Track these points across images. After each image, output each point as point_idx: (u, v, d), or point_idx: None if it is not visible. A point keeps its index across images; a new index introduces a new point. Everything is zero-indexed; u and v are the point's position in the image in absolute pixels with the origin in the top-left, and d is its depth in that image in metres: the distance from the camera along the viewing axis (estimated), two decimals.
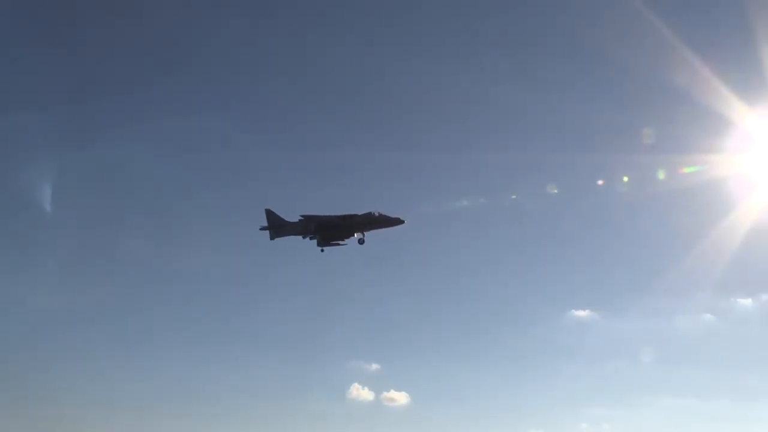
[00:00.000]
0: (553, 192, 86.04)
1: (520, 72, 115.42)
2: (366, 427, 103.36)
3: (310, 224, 61.36)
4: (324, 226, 61.03)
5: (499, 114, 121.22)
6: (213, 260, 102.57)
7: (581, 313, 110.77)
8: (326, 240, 62.10)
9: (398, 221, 58.94)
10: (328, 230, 61.17)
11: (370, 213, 59.50)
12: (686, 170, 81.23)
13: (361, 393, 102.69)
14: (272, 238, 64.22)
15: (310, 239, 62.80)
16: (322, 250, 62.87)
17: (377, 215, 59.22)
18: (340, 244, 62.28)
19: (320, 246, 62.60)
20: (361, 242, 60.74)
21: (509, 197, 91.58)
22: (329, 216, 60.78)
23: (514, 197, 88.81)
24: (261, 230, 64.31)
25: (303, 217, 61.20)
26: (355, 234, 60.56)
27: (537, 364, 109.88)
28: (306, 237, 62.79)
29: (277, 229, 63.65)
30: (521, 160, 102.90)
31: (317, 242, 62.66)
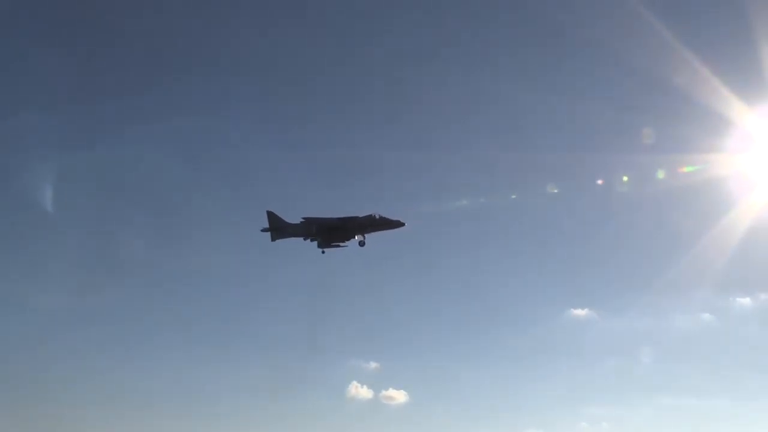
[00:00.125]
0: (553, 192, 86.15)
1: (520, 72, 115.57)
2: (364, 426, 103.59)
3: (312, 226, 61.45)
4: (325, 228, 61.13)
5: (499, 114, 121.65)
6: (214, 260, 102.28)
7: (580, 312, 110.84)
8: (327, 242, 62.32)
9: (399, 224, 59.00)
10: (329, 232, 61.30)
11: (371, 215, 59.52)
12: (685, 170, 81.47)
13: (360, 391, 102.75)
14: (273, 240, 64.60)
15: (311, 241, 63.18)
16: (323, 252, 63.06)
17: (378, 217, 59.24)
18: (341, 246, 62.51)
19: (321, 248, 62.87)
20: (362, 244, 60.97)
21: (508, 196, 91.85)
22: (330, 218, 60.92)
23: (514, 197, 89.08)
24: (262, 231, 64.64)
25: (304, 219, 61.25)
26: (356, 236, 60.85)
27: (536, 363, 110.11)
28: (307, 239, 63.12)
29: (278, 231, 63.92)
30: (520, 160, 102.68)
31: (318, 244, 62.90)
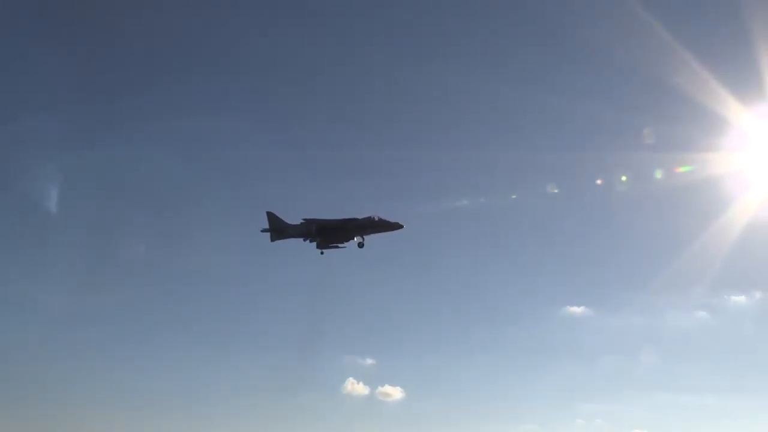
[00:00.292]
0: (552, 191, 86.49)
1: (519, 72, 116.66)
2: (361, 422, 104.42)
3: (311, 227, 61.87)
4: (324, 230, 61.58)
5: (497, 113, 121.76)
6: (213, 260, 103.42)
7: (576, 310, 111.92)
8: (326, 243, 62.79)
9: (398, 226, 59.52)
10: (329, 233, 61.79)
11: (370, 217, 60.08)
12: (681, 170, 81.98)
13: (356, 387, 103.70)
14: (273, 240, 64.93)
15: (310, 242, 63.57)
16: (322, 253, 63.57)
17: (377, 219, 59.82)
18: (340, 247, 62.95)
19: (319, 248, 63.34)
20: (361, 246, 61.42)
21: (504, 196, 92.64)
22: (330, 219, 61.36)
23: (511, 197, 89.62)
24: (262, 232, 64.98)
25: (305, 221, 61.67)
26: (355, 238, 61.31)
27: (532, 360, 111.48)
28: (306, 240, 63.51)
29: (278, 232, 64.27)
30: (517, 159, 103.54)
31: (317, 245, 63.37)
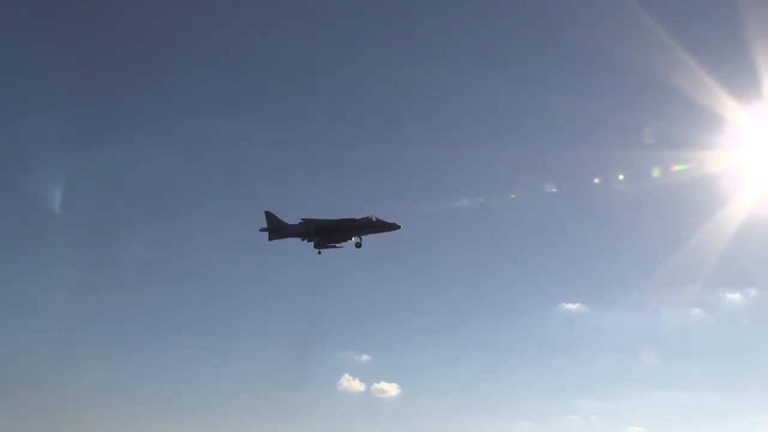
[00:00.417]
0: (550, 190, 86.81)
1: (518, 72, 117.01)
2: (356, 418, 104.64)
3: (310, 227, 62.37)
4: (323, 230, 62.12)
5: (497, 113, 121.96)
6: (213, 259, 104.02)
7: (572, 307, 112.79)
8: (324, 243, 63.34)
9: (395, 226, 60.22)
10: (327, 233, 62.35)
11: (368, 217, 60.77)
12: (677, 168, 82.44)
13: (352, 384, 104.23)
14: (271, 239, 65.33)
15: (308, 241, 64.03)
16: (319, 252, 64.16)
17: (374, 220, 60.52)
18: (337, 247, 63.55)
19: (317, 248, 63.86)
20: (358, 246, 62.09)
21: (503, 194, 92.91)
22: (328, 220, 61.94)
23: (512, 196, 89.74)
24: (261, 231, 65.39)
25: (303, 221, 62.16)
26: (353, 238, 61.83)
27: (527, 357, 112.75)
28: (304, 239, 63.96)
29: (276, 231, 64.72)
30: (514, 158, 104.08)
31: (314, 244, 63.89)
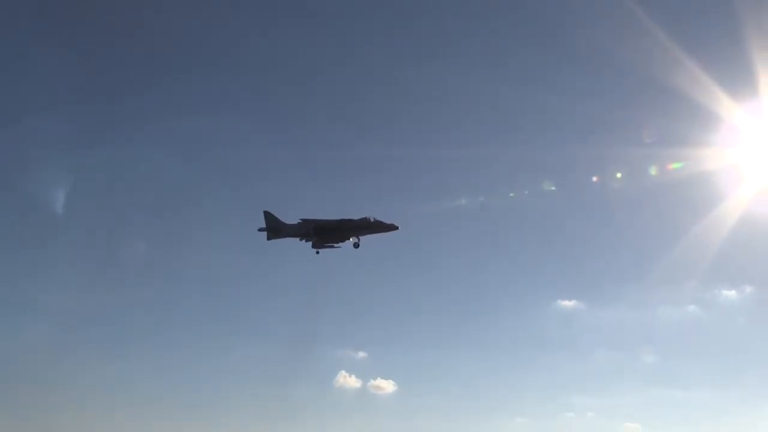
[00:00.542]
0: (549, 188, 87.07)
1: (519, 71, 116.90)
2: (352, 415, 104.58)
3: (308, 227, 62.79)
4: (321, 230, 62.51)
5: (496, 113, 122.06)
6: (213, 259, 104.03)
7: (568, 303, 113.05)
8: (322, 243, 63.71)
9: (393, 227, 60.51)
10: (325, 233, 62.71)
11: (366, 218, 61.06)
12: (672, 166, 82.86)
13: (348, 381, 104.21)
14: (269, 239, 65.73)
15: (306, 241, 64.45)
16: (317, 252, 64.50)
17: (373, 220, 60.82)
18: (335, 247, 63.92)
19: (315, 248, 64.23)
20: (356, 246, 62.42)
21: (501, 193, 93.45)
22: (327, 220, 62.33)
23: (511, 195, 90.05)
24: (259, 231, 65.81)
25: (302, 221, 62.62)
26: (351, 238, 62.22)
27: (523, 354, 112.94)
28: (302, 239, 64.37)
29: (275, 231, 65.13)
30: (514, 157, 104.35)
31: (312, 244, 64.27)
